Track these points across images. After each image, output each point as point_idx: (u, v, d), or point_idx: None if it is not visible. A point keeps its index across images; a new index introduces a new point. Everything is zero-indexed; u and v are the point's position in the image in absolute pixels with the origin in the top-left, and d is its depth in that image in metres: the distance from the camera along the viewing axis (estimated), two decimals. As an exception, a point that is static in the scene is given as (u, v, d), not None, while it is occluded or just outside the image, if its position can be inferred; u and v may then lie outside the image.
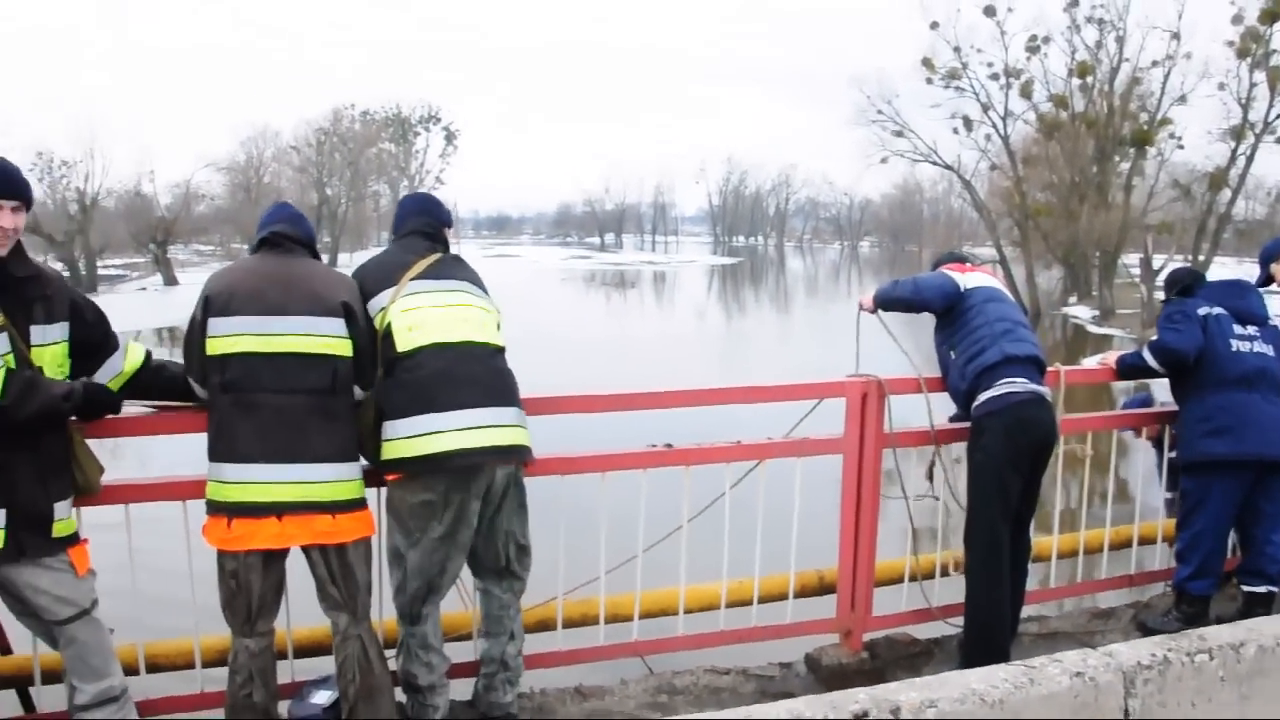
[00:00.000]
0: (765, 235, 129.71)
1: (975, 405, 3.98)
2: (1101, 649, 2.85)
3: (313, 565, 3.13)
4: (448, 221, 3.54)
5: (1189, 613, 4.33)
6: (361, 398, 3.19)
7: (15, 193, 2.78)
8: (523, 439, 3.28)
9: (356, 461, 3.14)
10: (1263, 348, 4.35)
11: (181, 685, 3.52)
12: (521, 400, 3.33)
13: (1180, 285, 4.61)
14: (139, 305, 37.29)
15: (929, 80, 37.19)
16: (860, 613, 4.14)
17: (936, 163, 40.89)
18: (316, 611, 3.24)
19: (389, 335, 3.19)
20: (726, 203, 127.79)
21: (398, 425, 3.13)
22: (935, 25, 36.40)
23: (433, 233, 3.46)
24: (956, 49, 36.43)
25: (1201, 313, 4.38)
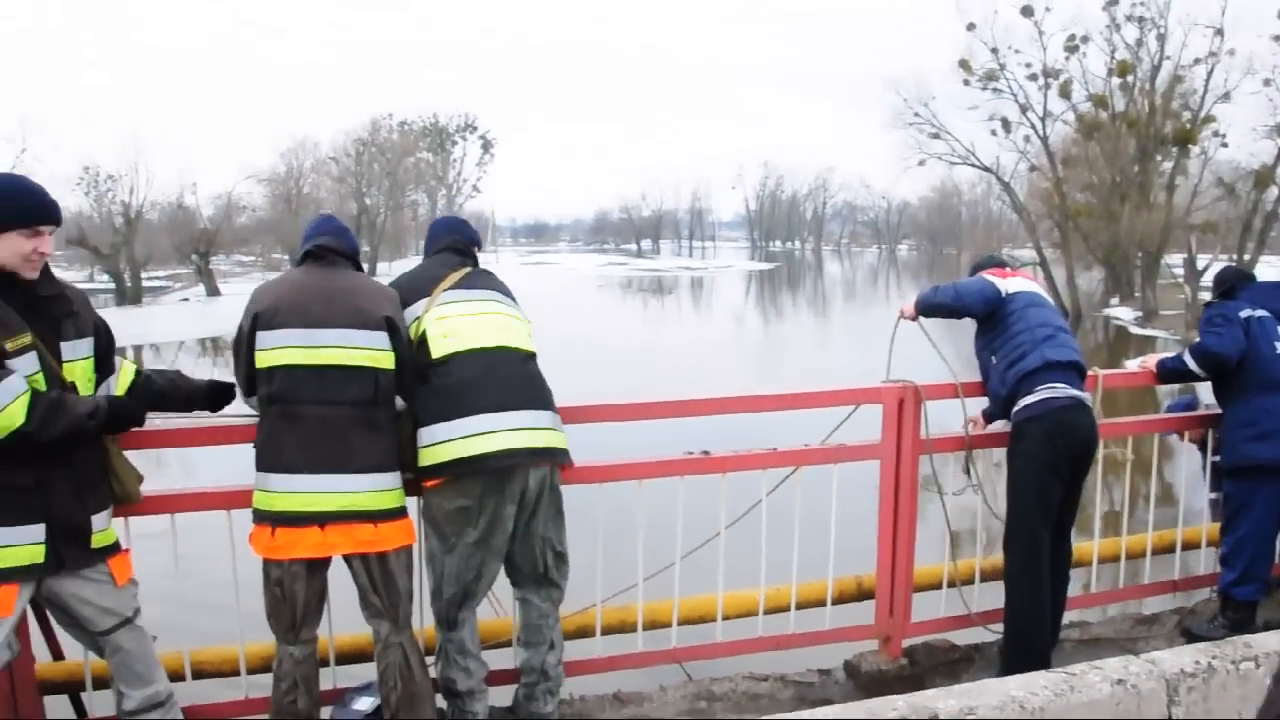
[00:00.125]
0: (802, 240, 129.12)
1: (1016, 410, 3.96)
2: (1144, 656, 2.83)
3: (355, 574, 3.17)
4: (476, 240, 3.67)
5: (1235, 619, 4.26)
6: (402, 409, 3.24)
7: (56, 219, 2.81)
8: (558, 441, 3.31)
9: (397, 471, 3.18)
10: None
11: (227, 691, 3.58)
12: (558, 408, 3.37)
13: (1224, 287, 4.54)
14: (183, 316, 37.92)
15: (966, 82, 36.76)
16: (899, 619, 4.13)
17: (974, 165, 40.52)
18: (359, 619, 3.28)
19: (423, 342, 3.26)
20: (763, 207, 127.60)
21: (433, 430, 3.17)
22: (972, 26, 36.02)
23: (463, 249, 3.58)
24: (994, 50, 36.00)
25: (1244, 315, 4.31)
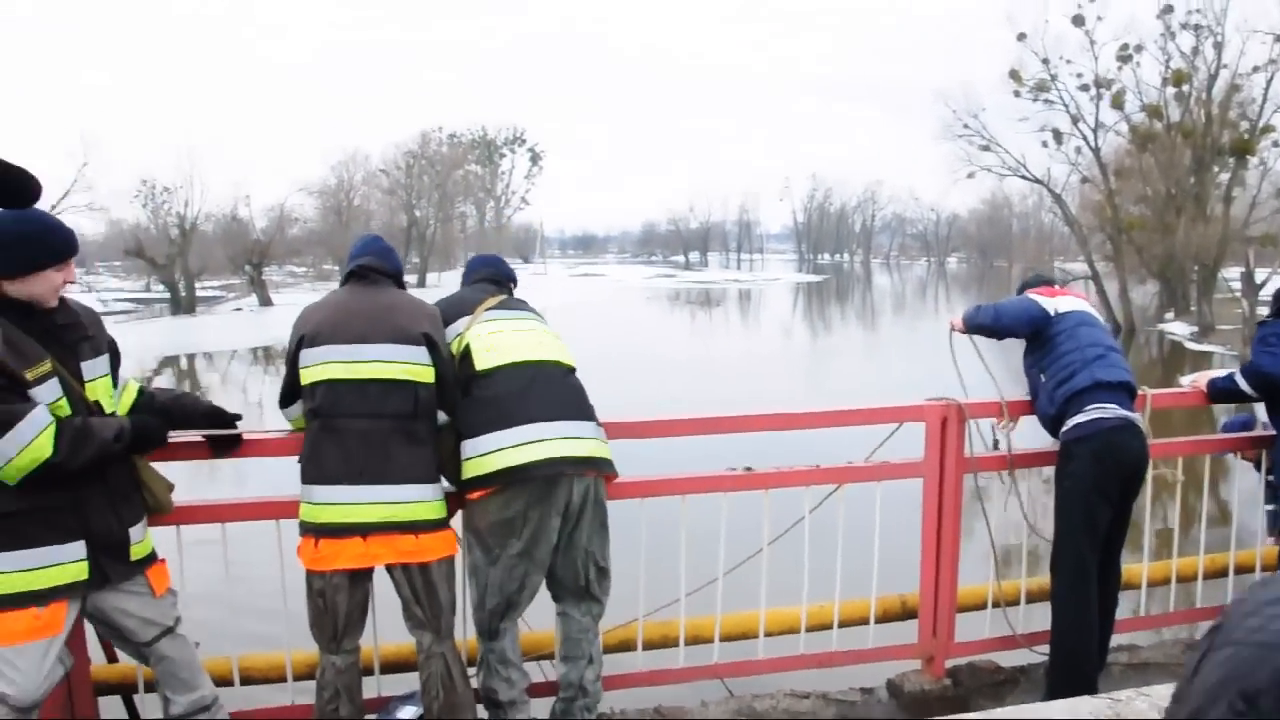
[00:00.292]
0: (851, 252, 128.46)
1: (1064, 430, 3.90)
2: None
3: (397, 585, 3.22)
4: (512, 276, 3.80)
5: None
6: (444, 423, 3.29)
7: (78, 249, 2.86)
8: (602, 451, 3.34)
9: (439, 483, 3.23)
10: None
11: (273, 696, 3.65)
12: (600, 421, 3.40)
13: None
14: (236, 325, 38.61)
15: (1016, 93, 36.36)
16: (943, 638, 4.09)
17: (1025, 177, 40.05)
18: (402, 629, 3.32)
19: (467, 355, 3.32)
20: (811, 220, 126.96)
21: (477, 443, 3.21)
22: (1023, 37, 35.66)
23: (499, 280, 3.71)
24: (1045, 60, 35.58)
25: (1300, 334, 4.22)
